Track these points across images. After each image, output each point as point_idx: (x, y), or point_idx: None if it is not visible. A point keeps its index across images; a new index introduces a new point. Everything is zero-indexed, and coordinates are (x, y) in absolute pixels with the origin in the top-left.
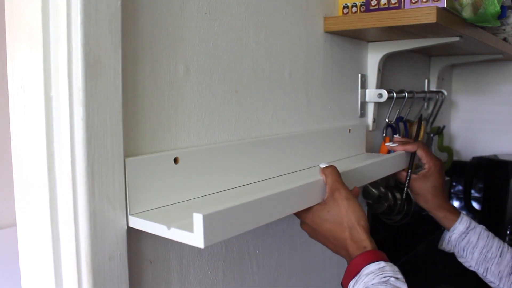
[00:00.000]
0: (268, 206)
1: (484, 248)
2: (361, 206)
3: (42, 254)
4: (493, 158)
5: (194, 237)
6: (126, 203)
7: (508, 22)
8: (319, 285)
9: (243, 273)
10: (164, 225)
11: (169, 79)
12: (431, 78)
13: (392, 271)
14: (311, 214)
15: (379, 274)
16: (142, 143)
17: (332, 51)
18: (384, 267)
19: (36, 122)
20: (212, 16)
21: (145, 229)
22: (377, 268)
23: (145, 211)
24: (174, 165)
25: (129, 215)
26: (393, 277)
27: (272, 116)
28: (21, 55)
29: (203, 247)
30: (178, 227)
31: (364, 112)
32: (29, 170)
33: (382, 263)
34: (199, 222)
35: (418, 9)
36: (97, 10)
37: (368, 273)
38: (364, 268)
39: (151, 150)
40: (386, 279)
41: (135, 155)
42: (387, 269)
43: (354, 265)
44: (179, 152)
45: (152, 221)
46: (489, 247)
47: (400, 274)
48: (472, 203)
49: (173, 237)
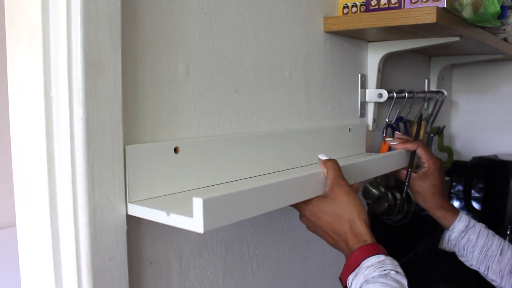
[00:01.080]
0: (268, 195)
1: (484, 246)
2: (361, 201)
3: (42, 254)
4: (493, 158)
5: (193, 222)
6: (125, 191)
7: (508, 22)
8: (319, 285)
9: (243, 273)
10: (163, 211)
11: (169, 79)
12: (431, 78)
13: (393, 265)
14: (311, 207)
15: (379, 267)
16: (142, 141)
17: (332, 51)
18: (385, 260)
19: (36, 122)
20: (212, 16)
21: (144, 216)
22: (377, 261)
23: (144, 199)
24: (174, 154)
25: (128, 203)
26: (394, 270)
27: (272, 116)
28: (21, 55)
29: (202, 232)
30: (178, 213)
31: (364, 112)
32: (29, 170)
33: (382, 256)
34: (199, 206)
35: (418, 9)
36: (97, 10)
37: (368, 266)
38: (364, 261)
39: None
40: (387, 272)
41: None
42: (388, 263)
43: (353, 258)
44: (180, 142)
45: (151, 207)
46: (489, 245)
47: (400, 268)
48: (472, 203)
49: (172, 223)
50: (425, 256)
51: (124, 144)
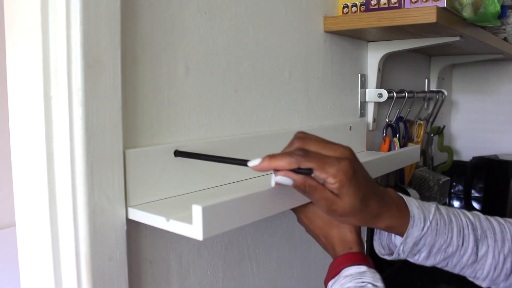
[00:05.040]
0: (266, 200)
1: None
2: None
3: (41, 255)
4: (493, 158)
5: (193, 229)
6: (125, 195)
7: (508, 22)
8: (319, 284)
9: (243, 273)
10: (163, 217)
11: (169, 79)
12: (431, 78)
13: (372, 278)
14: (306, 210)
15: (356, 278)
16: (142, 143)
17: (332, 51)
18: (365, 272)
19: (35, 122)
20: (212, 16)
21: (144, 221)
22: (357, 271)
23: (144, 203)
24: (173, 158)
25: (128, 207)
26: (372, 283)
27: (272, 116)
28: (20, 55)
29: (201, 239)
30: (177, 219)
31: (364, 112)
32: (28, 170)
33: (363, 267)
34: (198, 214)
35: (418, 8)
36: (96, 10)
37: (346, 275)
38: (345, 269)
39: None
40: (363, 284)
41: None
42: (367, 275)
43: (335, 264)
44: (179, 145)
45: (151, 213)
46: (448, 242)
47: (380, 282)
48: (472, 203)
49: (172, 229)
50: None
51: (124, 148)
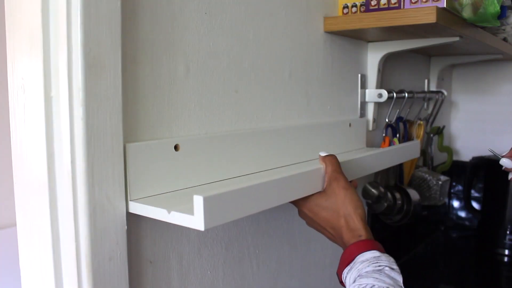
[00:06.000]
0: (268, 192)
1: None
2: (359, 196)
3: (42, 254)
4: (493, 158)
5: (194, 219)
6: (126, 189)
7: (508, 22)
8: (319, 284)
9: (243, 273)
10: (164, 209)
11: (169, 79)
12: (431, 78)
13: (388, 261)
14: (308, 203)
15: (373, 262)
16: (143, 138)
17: (332, 51)
18: (380, 256)
19: (36, 122)
20: (212, 16)
21: (145, 214)
22: (372, 256)
23: (145, 197)
24: (174, 152)
25: (129, 201)
26: (388, 267)
27: (272, 116)
28: (21, 55)
29: (203, 229)
30: (178, 211)
31: (364, 112)
32: (29, 170)
33: (377, 252)
34: (199, 204)
35: (418, 9)
36: (97, 10)
37: (363, 260)
38: (359, 255)
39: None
40: (381, 268)
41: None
42: (383, 259)
43: (348, 253)
44: (180, 139)
45: (152, 205)
46: None
47: (395, 265)
48: (472, 203)
49: (173, 220)
50: (425, 256)
51: (124, 142)
